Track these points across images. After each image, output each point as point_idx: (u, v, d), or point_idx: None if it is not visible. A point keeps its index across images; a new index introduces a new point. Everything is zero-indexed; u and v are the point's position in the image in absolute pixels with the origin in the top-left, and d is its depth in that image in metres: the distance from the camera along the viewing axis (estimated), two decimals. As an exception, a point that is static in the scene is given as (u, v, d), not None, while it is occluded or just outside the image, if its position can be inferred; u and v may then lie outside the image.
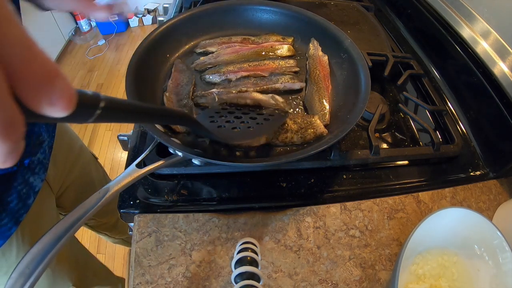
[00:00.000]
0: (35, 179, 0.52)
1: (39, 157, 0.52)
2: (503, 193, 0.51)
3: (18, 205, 0.48)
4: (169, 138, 0.40)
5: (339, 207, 0.46)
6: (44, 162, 0.54)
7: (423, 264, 0.41)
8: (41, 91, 0.12)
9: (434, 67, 0.68)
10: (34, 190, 0.52)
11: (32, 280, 0.25)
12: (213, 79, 0.51)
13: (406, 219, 0.46)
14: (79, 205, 0.30)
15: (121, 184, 0.35)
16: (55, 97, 0.13)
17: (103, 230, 0.90)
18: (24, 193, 0.49)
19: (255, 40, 0.58)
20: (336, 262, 0.41)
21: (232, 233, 0.42)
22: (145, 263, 0.40)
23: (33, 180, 0.51)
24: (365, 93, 0.45)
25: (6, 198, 0.46)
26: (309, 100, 0.49)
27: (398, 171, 0.50)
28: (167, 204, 0.44)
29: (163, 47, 0.53)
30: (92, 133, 1.80)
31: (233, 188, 0.46)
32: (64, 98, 0.13)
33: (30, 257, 0.26)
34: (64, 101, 0.13)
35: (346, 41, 0.52)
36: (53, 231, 0.27)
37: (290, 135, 0.44)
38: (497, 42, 0.54)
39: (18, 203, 0.48)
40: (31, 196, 0.51)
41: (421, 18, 0.72)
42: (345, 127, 0.41)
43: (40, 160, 0.53)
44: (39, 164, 0.52)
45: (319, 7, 0.77)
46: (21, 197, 0.48)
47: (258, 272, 0.33)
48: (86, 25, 2.44)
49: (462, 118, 0.59)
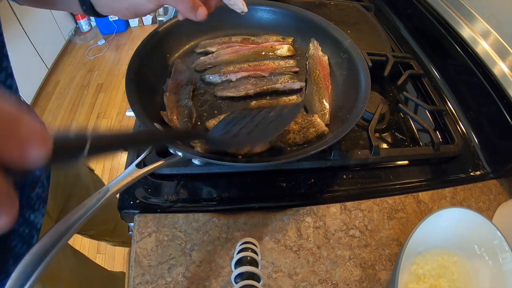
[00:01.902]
0: (36, 216, 0.50)
1: (38, 191, 0.50)
2: (503, 193, 0.51)
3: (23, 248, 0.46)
4: (169, 138, 0.40)
5: (339, 207, 0.46)
6: (43, 196, 0.52)
7: (423, 264, 0.40)
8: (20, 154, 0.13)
9: (434, 67, 0.68)
10: (36, 227, 0.50)
11: (32, 280, 0.25)
12: (213, 79, 0.51)
13: (406, 219, 0.46)
14: (79, 205, 0.30)
15: (121, 184, 0.35)
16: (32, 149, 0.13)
17: (103, 236, 0.89)
18: (27, 233, 0.47)
19: (255, 40, 0.58)
20: (336, 262, 0.41)
21: (232, 233, 0.42)
22: (145, 263, 0.40)
23: (34, 218, 0.49)
24: (365, 93, 0.45)
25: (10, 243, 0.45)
26: (309, 100, 0.49)
27: (398, 171, 0.50)
28: (167, 204, 0.44)
29: (163, 47, 0.53)
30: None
31: (233, 188, 0.45)
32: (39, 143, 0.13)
33: (30, 257, 0.26)
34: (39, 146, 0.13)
35: (346, 41, 0.52)
36: (53, 231, 0.27)
37: (292, 135, 0.44)
38: (497, 42, 0.54)
39: (23, 246, 0.46)
40: (34, 235, 0.49)
41: (421, 18, 0.72)
42: (345, 127, 0.41)
43: (39, 195, 0.50)
44: (38, 200, 0.50)
45: (319, 7, 0.77)
46: (24, 239, 0.47)
47: (258, 272, 0.33)
48: (86, 25, 2.44)
49: (462, 118, 0.59)
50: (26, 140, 0.13)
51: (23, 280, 0.24)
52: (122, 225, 0.90)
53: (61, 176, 0.63)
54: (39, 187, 0.51)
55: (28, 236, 0.48)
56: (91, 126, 1.84)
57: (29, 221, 0.48)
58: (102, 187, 0.33)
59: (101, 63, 2.28)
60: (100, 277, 0.82)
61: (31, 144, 0.13)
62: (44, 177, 0.53)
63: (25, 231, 0.47)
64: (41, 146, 0.13)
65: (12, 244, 0.45)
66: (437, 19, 0.67)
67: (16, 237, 0.46)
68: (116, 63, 2.28)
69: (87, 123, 1.86)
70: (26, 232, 0.47)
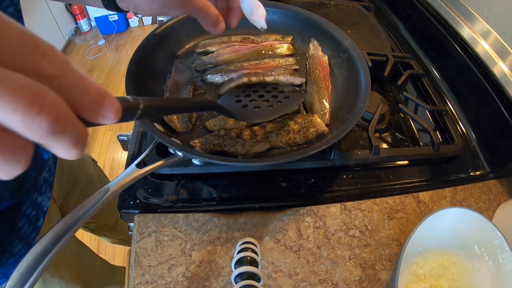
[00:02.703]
0: (43, 199, 0.51)
1: (45, 175, 0.51)
2: (503, 193, 0.51)
3: (29, 229, 0.47)
4: (169, 138, 0.40)
5: (339, 207, 0.46)
6: (50, 180, 0.53)
7: (423, 264, 0.41)
8: (96, 110, 0.16)
9: (434, 67, 0.68)
10: (43, 210, 0.51)
11: (32, 280, 0.25)
12: (215, 79, 0.51)
13: (406, 219, 0.46)
14: (80, 205, 0.30)
15: (121, 184, 0.35)
16: (106, 112, 0.16)
17: (103, 232, 0.90)
18: (34, 215, 0.48)
19: (254, 39, 0.58)
20: (336, 262, 0.41)
21: (232, 233, 0.42)
22: (145, 263, 0.40)
23: (41, 200, 0.50)
24: (365, 93, 0.45)
25: (17, 224, 0.45)
26: (309, 100, 0.49)
27: (398, 171, 0.50)
28: (167, 204, 0.44)
29: (163, 47, 0.53)
30: (92, 133, 1.80)
31: (233, 188, 0.46)
32: (112, 111, 0.16)
33: (31, 256, 0.26)
34: (112, 114, 0.16)
35: (346, 41, 0.52)
36: (54, 231, 0.27)
37: (292, 135, 0.44)
38: (497, 42, 0.54)
39: (29, 227, 0.47)
40: (40, 217, 0.50)
41: (421, 18, 0.72)
42: (345, 127, 0.41)
43: (46, 178, 0.52)
44: (45, 183, 0.51)
45: (319, 7, 0.77)
46: (31, 220, 0.48)
47: (258, 272, 0.33)
48: (86, 25, 2.44)
49: (462, 118, 0.59)
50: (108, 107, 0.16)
51: (24, 279, 0.24)
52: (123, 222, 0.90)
53: (66, 163, 0.64)
54: (47, 171, 0.52)
55: (34, 218, 0.49)
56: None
57: (36, 203, 0.49)
58: (102, 187, 0.33)
59: (101, 63, 2.28)
60: (101, 267, 0.82)
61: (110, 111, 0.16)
62: (52, 162, 0.54)
63: (32, 212, 0.48)
64: (115, 113, 0.16)
65: (19, 224, 0.46)
66: (437, 19, 0.67)
67: (23, 218, 0.47)
68: (116, 63, 2.28)
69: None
70: (33, 214, 0.48)
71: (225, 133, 0.43)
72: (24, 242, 0.47)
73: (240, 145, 0.42)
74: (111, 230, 0.91)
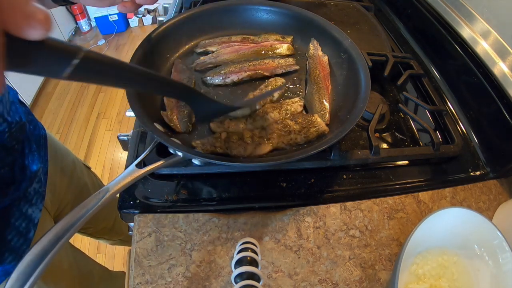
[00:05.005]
0: (33, 211, 0.50)
1: (35, 186, 0.50)
2: (503, 193, 0.51)
3: (19, 241, 0.46)
4: (169, 138, 0.40)
5: (339, 207, 0.46)
6: (41, 191, 0.52)
7: (423, 264, 0.41)
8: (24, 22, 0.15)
9: (434, 67, 0.68)
10: (34, 222, 0.50)
11: (32, 280, 0.25)
12: (215, 81, 0.51)
13: (406, 219, 0.46)
14: (79, 205, 0.30)
15: (121, 184, 0.35)
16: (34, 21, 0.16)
17: (102, 235, 0.90)
18: (24, 227, 0.47)
19: (254, 39, 0.58)
20: (336, 262, 0.41)
21: (232, 233, 0.42)
22: (145, 263, 0.40)
23: (31, 212, 0.49)
24: (365, 93, 0.45)
25: (6, 236, 0.45)
26: (309, 100, 0.49)
27: (398, 171, 0.50)
28: (167, 204, 0.44)
29: (163, 47, 0.53)
30: (92, 133, 1.80)
31: (233, 188, 0.45)
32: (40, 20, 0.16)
33: (30, 257, 0.26)
34: (40, 22, 0.16)
35: (346, 41, 0.52)
36: (53, 232, 0.27)
37: (293, 136, 0.44)
38: (497, 42, 0.54)
39: (19, 239, 0.47)
40: (31, 229, 0.49)
41: (421, 18, 0.72)
42: (345, 127, 0.41)
43: (36, 190, 0.51)
44: (36, 194, 0.50)
45: (319, 7, 0.77)
46: (21, 233, 0.47)
47: (258, 272, 0.33)
48: (86, 25, 2.44)
49: (462, 118, 0.59)
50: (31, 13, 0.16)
51: (23, 280, 0.24)
52: (121, 222, 0.90)
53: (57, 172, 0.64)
54: (37, 182, 0.51)
55: (25, 230, 0.48)
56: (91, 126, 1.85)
57: (26, 215, 0.48)
58: (102, 188, 0.33)
59: (101, 63, 2.27)
60: (99, 274, 0.82)
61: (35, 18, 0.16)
62: (42, 173, 0.54)
63: (22, 225, 0.47)
64: (42, 24, 0.16)
65: (8, 237, 0.45)
66: (437, 19, 0.67)
67: (13, 230, 0.46)
68: (116, 63, 2.28)
69: (87, 123, 1.86)
70: (23, 226, 0.48)
71: (227, 135, 0.43)
72: (14, 255, 0.46)
73: (242, 148, 0.42)
74: (109, 232, 0.91)
